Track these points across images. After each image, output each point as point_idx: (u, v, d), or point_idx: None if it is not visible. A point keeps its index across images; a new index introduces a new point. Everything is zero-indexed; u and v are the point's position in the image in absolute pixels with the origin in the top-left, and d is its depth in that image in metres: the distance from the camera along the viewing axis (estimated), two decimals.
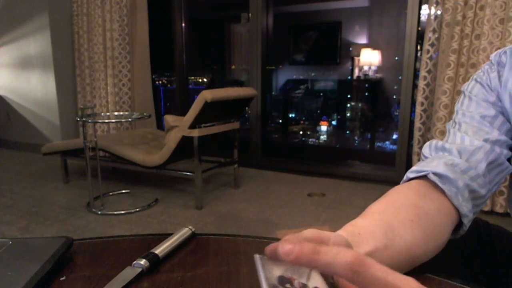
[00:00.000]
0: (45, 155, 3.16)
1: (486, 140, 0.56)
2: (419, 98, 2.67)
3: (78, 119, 2.60)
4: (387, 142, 4.81)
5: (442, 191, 0.50)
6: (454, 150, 0.56)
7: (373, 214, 0.45)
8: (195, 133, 2.51)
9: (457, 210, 0.49)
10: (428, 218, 0.46)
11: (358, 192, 2.95)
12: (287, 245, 0.27)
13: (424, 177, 0.52)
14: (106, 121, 3.43)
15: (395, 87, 4.81)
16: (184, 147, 2.58)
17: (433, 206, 0.48)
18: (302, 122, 5.32)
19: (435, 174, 0.51)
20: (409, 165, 2.95)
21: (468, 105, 0.62)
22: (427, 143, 0.62)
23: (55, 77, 3.93)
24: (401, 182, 0.56)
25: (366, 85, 5.05)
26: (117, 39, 3.64)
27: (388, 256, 0.40)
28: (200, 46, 5.52)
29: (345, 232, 0.40)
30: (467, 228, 0.52)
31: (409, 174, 0.55)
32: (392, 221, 0.43)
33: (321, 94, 5.42)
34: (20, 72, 4.19)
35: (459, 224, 0.51)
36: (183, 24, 4.11)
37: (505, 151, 0.57)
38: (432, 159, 0.56)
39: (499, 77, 0.60)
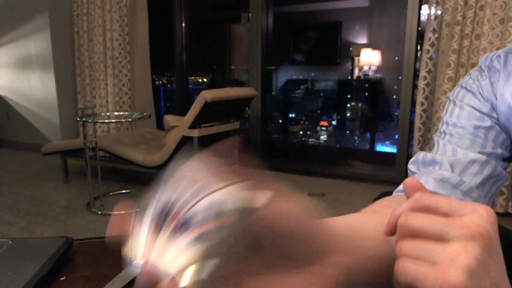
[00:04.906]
0: (45, 155, 3.16)
1: (481, 152, 0.53)
2: (419, 98, 2.67)
3: (78, 119, 2.60)
4: (387, 142, 4.81)
5: None
6: (446, 163, 0.52)
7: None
8: (195, 133, 2.51)
9: None
10: None
11: (358, 192, 2.95)
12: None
13: None
14: (106, 121, 3.43)
15: (395, 87, 4.81)
16: (184, 147, 2.58)
17: None
18: (302, 122, 5.32)
19: None
20: None
21: (459, 115, 0.57)
22: (414, 157, 0.57)
23: (55, 77, 3.93)
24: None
25: (366, 85, 5.05)
26: (117, 39, 3.64)
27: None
28: (200, 46, 5.52)
29: None
30: None
31: (396, 193, 0.52)
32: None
33: (321, 94, 5.42)
34: (20, 72, 4.19)
35: None
36: (183, 24, 4.11)
37: (501, 162, 0.54)
38: (420, 175, 0.53)
39: (491, 84, 0.55)
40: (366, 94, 5.09)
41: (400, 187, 0.52)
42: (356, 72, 5.03)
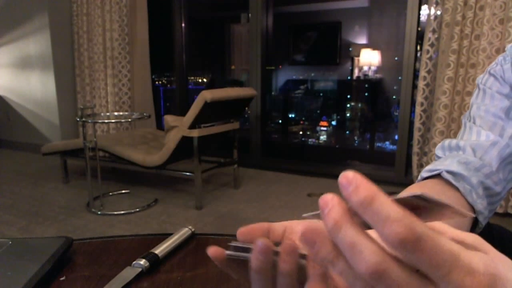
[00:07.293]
0: (44, 155, 3.16)
1: (501, 135, 0.55)
2: (419, 98, 2.67)
3: (78, 119, 2.60)
4: (387, 142, 4.82)
5: (456, 189, 0.49)
6: (468, 148, 0.55)
7: None
8: (195, 133, 2.51)
9: (472, 207, 0.49)
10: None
11: None
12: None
13: (438, 176, 0.52)
14: (106, 121, 3.43)
15: (395, 87, 4.81)
16: (184, 147, 2.58)
17: None
18: (302, 122, 5.32)
19: (448, 172, 0.50)
20: (409, 165, 2.95)
21: (483, 98, 0.60)
22: (440, 144, 0.61)
23: (55, 77, 3.92)
24: (415, 182, 0.56)
25: (366, 85, 5.05)
26: (117, 39, 3.64)
27: None
28: (200, 46, 5.52)
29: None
30: (483, 225, 0.51)
31: (423, 173, 0.54)
32: None
33: (321, 94, 5.42)
34: (20, 72, 4.19)
35: (475, 222, 0.51)
36: (183, 24, 4.11)
37: None
38: (445, 158, 0.56)
39: None
40: (366, 94, 5.09)
41: (428, 167, 0.54)
42: (356, 72, 5.03)
